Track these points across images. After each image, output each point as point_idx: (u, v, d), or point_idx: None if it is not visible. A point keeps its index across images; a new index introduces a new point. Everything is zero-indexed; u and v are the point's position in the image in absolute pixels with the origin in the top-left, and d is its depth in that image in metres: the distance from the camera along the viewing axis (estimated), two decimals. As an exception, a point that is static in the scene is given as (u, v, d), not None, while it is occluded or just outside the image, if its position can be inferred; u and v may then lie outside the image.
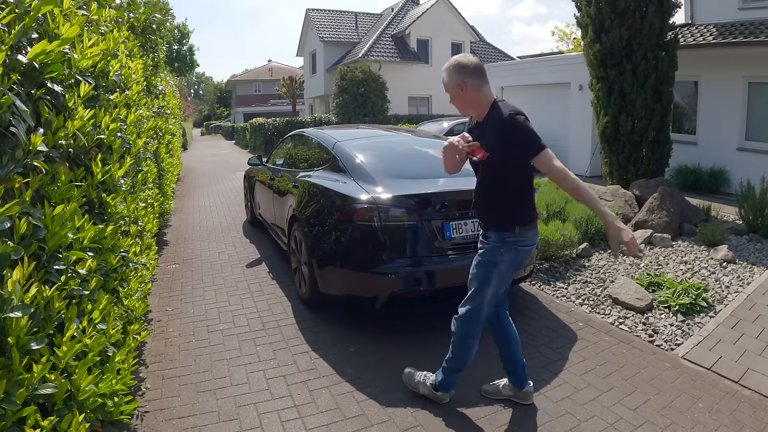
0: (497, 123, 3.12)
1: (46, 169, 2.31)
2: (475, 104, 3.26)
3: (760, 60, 11.12)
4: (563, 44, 38.84)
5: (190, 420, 3.49)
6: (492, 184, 3.31)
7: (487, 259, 3.32)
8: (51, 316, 2.21)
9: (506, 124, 3.07)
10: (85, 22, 3.22)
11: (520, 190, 3.30)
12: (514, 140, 3.08)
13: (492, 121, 3.17)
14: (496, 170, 3.24)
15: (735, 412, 3.59)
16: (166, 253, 7.67)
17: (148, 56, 7.91)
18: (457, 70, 3.23)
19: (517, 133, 3.07)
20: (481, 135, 3.24)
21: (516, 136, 3.08)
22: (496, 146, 3.12)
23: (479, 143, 3.20)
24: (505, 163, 3.18)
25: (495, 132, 3.13)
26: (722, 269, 6.51)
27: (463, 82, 3.21)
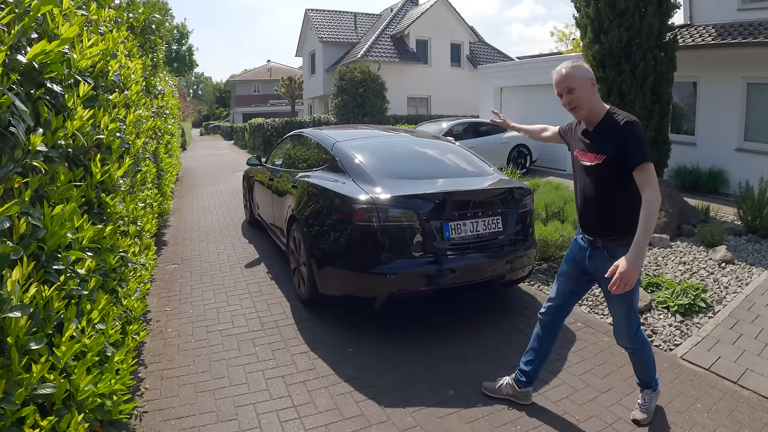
0: (616, 127, 3.09)
1: (46, 169, 2.31)
2: (596, 105, 3.20)
3: (759, 61, 11.12)
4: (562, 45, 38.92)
5: (188, 420, 3.49)
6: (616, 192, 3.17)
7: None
8: (50, 316, 2.21)
9: (627, 129, 3.04)
10: (85, 22, 3.22)
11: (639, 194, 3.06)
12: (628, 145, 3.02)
13: (610, 125, 3.14)
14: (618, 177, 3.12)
15: (733, 412, 3.60)
16: (165, 253, 7.66)
17: (147, 56, 7.91)
18: (584, 67, 3.21)
19: (632, 139, 3.02)
20: (597, 139, 3.21)
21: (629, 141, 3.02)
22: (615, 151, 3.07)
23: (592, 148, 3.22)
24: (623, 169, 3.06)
25: (613, 137, 3.09)
26: (721, 270, 6.51)
27: (591, 78, 3.19)
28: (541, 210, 7.49)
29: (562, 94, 3.19)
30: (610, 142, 3.09)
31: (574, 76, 3.14)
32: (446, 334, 4.78)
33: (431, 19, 30.57)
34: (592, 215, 3.32)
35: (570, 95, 3.15)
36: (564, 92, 3.18)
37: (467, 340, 4.65)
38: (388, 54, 29.64)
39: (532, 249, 5.23)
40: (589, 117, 3.22)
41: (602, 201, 3.22)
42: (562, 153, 16.13)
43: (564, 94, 3.18)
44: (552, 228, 6.62)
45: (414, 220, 4.51)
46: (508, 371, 4.03)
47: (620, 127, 3.06)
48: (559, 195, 8.32)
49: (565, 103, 3.20)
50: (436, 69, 30.61)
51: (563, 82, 3.17)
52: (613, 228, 3.20)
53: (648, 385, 3.58)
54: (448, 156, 5.93)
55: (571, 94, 3.15)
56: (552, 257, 6.69)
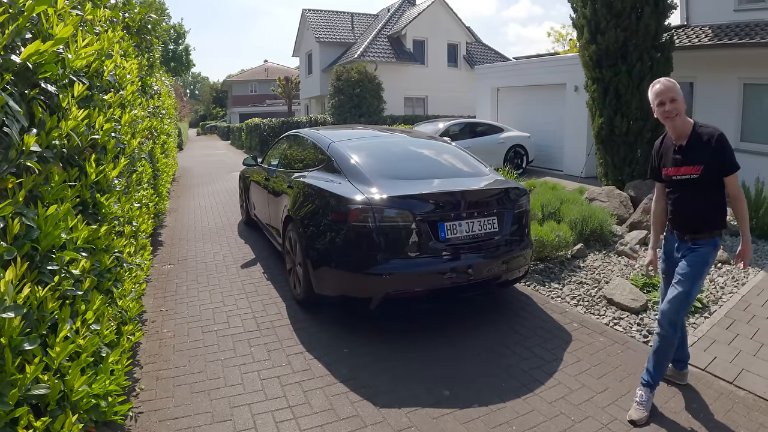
0: (710, 140, 3.51)
1: (40, 169, 2.31)
2: (686, 119, 3.64)
3: (756, 61, 11.14)
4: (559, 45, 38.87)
5: (184, 421, 3.48)
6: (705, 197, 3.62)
7: (702, 260, 3.61)
8: (44, 317, 2.21)
9: (720, 141, 3.49)
10: (80, 22, 3.21)
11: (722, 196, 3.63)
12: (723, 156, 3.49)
13: (701, 138, 3.56)
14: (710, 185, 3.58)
15: (729, 412, 3.60)
16: (161, 254, 7.65)
17: (143, 56, 7.90)
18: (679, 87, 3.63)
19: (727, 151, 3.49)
20: (688, 152, 3.61)
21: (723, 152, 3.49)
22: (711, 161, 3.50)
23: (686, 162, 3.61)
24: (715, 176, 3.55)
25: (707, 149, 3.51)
26: (717, 270, 6.52)
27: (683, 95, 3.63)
28: (537, 210, 7.49)
29: (664, 102, 3.56)
30: (706, 154, 3.51)
31: (676, 89, 3.57)
32: (442, 334, 4.78)
33: (428, 20, 30.55)
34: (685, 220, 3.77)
35: (673, 104, 3.54)
36: (668, 101, 3.55)
37: (463, 340, 4.65)
38: (385, 54, 29.62)
39: (528, 249, 5.24)
40: (682, 127, 3.62)
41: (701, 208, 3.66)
42: (559, 154, 16.16)
43: (667, 102, 3.55)
44: (548, 228, 6.63)
45: (409, 220, 4.51)
46: (503, 371, 4.06)
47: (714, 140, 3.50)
48: (555, 195, 8.34)
49: (668, 110, 3.56)
50: (433, 69, 30.60)
51: (669, 92, 3.56)
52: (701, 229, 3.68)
53: (650, 385, 3.65)
54: (444, 156, 5.93)
55: (674, 104, 3.55)
56: (548, 257, 6.70)
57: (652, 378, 3.65)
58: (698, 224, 3.65)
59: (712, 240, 3.63)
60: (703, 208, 3.61)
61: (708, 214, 3.62)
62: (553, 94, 16.23)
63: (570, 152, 15.73)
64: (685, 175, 3.61)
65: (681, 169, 3.64)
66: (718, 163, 3.48)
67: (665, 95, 3.54)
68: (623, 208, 8.78)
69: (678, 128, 3.61)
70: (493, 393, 3.84)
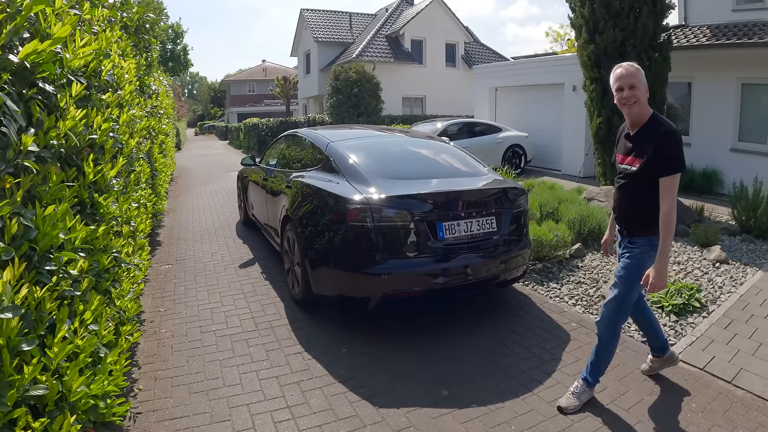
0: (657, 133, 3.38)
1: (37, 169, 2.30)
2: (645, 109, 3.48)
3: (753, 61, 11.15)
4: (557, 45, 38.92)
5: (182, 421, 3.48)
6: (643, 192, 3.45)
7: (637, 263, 3.51)
8: (42, 317, 2.20)
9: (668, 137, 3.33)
10: (78, 22, 3.21)
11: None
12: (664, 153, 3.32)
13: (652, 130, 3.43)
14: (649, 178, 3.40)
15: (728, 412, 3.60)
16: (159, 254, 7.64)
17: (141, 56, 7.89)
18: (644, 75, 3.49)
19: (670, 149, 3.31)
20: (637, 142, 3.50)
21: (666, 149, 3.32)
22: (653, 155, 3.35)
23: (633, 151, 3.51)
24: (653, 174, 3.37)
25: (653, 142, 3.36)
26: (715, 270, 6.53)
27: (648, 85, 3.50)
28: (536, 210, 7.50)
29: (623, 88, 3.43)
30: (650, 147, 3.36)
31: (638, 75, 3.42)
32: (440, 334, 4.78)
33: (426, 19, 30.57)
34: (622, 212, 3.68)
35: (632, 91, 3.40)
36: (626, 87, 3.41)
37: (461, 340, 4.65)
38: (383, 54, 29.63)
39: (527, 249, 5.24)
40: (639, 116, 3.48)
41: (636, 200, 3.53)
42: (557, 153, 16.17)
43: (626, 88, 3.41)
44: (546, 228, 6.63)
45: (408, 220, 4.50)
46: (502, 371, 4.06)
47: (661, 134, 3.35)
48: (553, 195, 8.35)
49: (626, 96, 3.42)
50: (431, 69, 30.61)
51: (630, 77, 3.42)
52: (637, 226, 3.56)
53: (589, 378, 3.72)
54: (443, 156, 5.93)
55: (633, 90, 3.40)
56: (546, 257, 6.70)
57: (590, 374, 3.72)
58: (635, 220, 3.56)
59: (649, 239, 3.49)
60: (642, 204, 3.45)
61: (646, 212, 3.44)
62: (552, 94, 16.23)
63: (568, 152, 15.74)
64: (628, 165, 3.54)
65: (626, 159, 3.57)
66: (657, 159, 3.32)
67: (624, 80, 3.42)
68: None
69: (634, 116, 3.48)
70: (491, 393, 3.84)
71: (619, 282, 3.56)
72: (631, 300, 3.61)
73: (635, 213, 3.53)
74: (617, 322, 3.63)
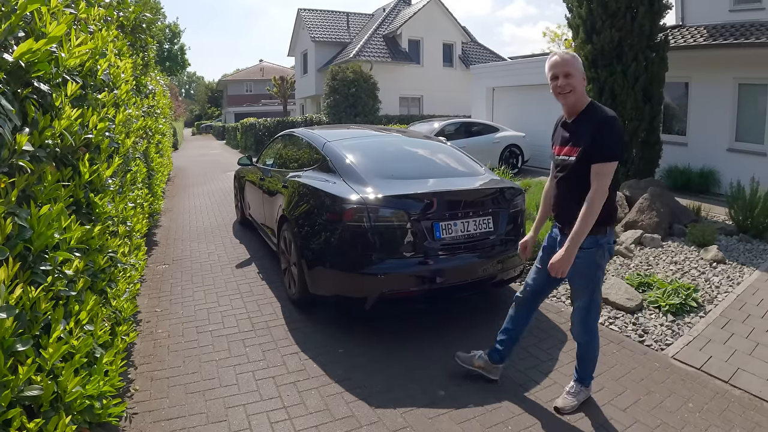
0: (595, 120, 3.25)
1: (32, 168, 2.29)
2: (582, 98, 3.37)
3: (751, 61, 11.16)
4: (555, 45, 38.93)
5: (179, 422, 3.47)
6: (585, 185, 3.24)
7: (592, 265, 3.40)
8: (37, 317, 2.19)
9: (605, 124, 3.20)
10: (73, 21, 3.20)
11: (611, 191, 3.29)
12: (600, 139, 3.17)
13: (589, 118, 3.30)
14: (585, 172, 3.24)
15: (725, 411, 3.61)
16: (156, 254, 7.63)
17: (137, 55, 7.88)
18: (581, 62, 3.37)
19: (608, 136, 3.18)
20: (575, 131, 3.37)
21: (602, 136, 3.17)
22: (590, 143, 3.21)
23: (570, 141, 3.37)
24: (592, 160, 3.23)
25: (590, 130, 3.23)
26: (712, 269, 6.53)
27: (584, 73, 3.38)
28: (533, 210, 7.49)
29: (557, 77, 3.32)
30: (587, 135, 3.23)
31: (574, 63, 3.30)
32: (437, 334, 4.78)
33: (424, 19, 30.59)
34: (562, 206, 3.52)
35: (567, 79, 3.28)
36: (561, 75, 3.30)
37: (458, 340, 4.64)
38: (381, 54, 29.65)
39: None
40: (575, 105, 3.36)
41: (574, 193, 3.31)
42: (554, 153, 16.12)
43: (561, 76, 3.30)
44: (543, 228, 6.61)
45: (404, 220, 4.50)
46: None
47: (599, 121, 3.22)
48: (550, 195, 8.32)
49: (561, 85, 3.31)
50: (429, 69, 30.63)
51: (564, 65, 3.30)
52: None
53: (582, 380, 3.70)
54: (440, 156, 5.93)
55: (568, 79, 3.28)
56: (544, 257, 6.68)
57: (582, 377, 3.72)
58: (575, 216, 3.24)
59: (595, 239, 3.30)
60: (582, 197, 3.21)
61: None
62: (549, 94, 15.86)
63: (565, 152, 15.71)
64: (566, 156, 3.37)
65: (564, 149, 3.41)
66: (593, 146, 3.17)
67: (559, 68, 3.29)
68: (618, 207, 8.78)
69: (570, 106, 3.37)
70: (488, 393, 3.83)
71: (581, 291, 3.50)
72: (598, 302, 3.55)
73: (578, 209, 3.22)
74: (592, 325, 3.57)
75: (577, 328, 3.59)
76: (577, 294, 3.55)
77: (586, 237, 3.22)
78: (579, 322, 3.56)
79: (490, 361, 3.94)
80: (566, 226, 3.38)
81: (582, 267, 3.36)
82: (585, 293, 3.48)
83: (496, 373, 3.96)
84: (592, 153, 3.18)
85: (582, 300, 3.51)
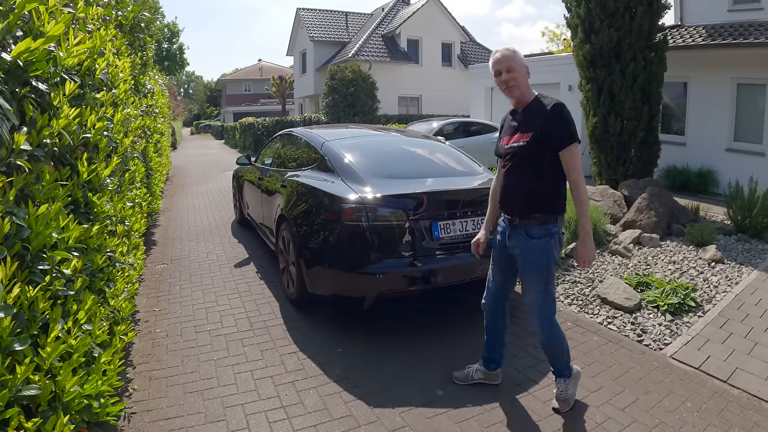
0: (543, 109, 3.29)
1: (30, 168, 2.29)
2: (527, 90, 3.40)
3: (749, 61, 11.18)
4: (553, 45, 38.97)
5: (177, 421, 3.47)
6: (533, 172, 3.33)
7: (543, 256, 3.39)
8: (35, 317, 2.19)
9: (556, 110, 3.24)
10: (72, 20, 3.19)
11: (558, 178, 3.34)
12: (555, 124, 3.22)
13: (537, 107, 3.34)
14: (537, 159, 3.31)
15: (723, 411, 3.61)
16: (154, 253, 7.63)
17: (136, 54, 7.87)
18: (522, 56, 3.40)
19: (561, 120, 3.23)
20: (523, 120, 3.38)
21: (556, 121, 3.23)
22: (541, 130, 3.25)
23: (519, 129, 3.37)
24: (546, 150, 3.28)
25: (539, 117, 3.28)
26: (711, 269, 6.54)
27: (527, 66, 3.39)
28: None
29: (501, 72, 3.35)
30: (537, 122, 3.27)
31: (515, 58, 3.34)
32: (435, 333, 4.78)
33: (422, 19, 30.60)
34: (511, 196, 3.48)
35: (510, 74, 3.32)
36: (504, 71, 3.34)
37: (457, 339, 4.65)
38: (379, 53, 29.65)
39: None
40: (521, 98, 3.40)
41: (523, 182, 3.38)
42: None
43: (503, 72, 3.34)
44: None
45: (403, 219, 4.50)
46: (497, 371, 4.04)
47: (548, 109, 3.26)
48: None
49: (504, 80, 3.35)
50: (427, 68, 30.65)
51: (505, 61, 3.34)
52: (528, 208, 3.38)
53: (561, 373, 3.64)
54: (438, 155, 5.93)
55: (511, 74, 3.32)
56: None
57: (559, 370, 3.64)
58: (525, 205, 3.36)
59: (545, 227, 3.33)
60: (531, 185, 3.32)
61: (536, 194, 3.33)
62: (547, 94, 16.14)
63: (564, 151, 15.73)
64: (515, 143, 3.37)
65: (513, 138, 3.41)
66: (548, 130, 3.21)
67: (501, 64, 3.33)
68: (617, 207, 8.79)
69: (516, 99, 3.40)
70: (487, 392, 3.83)
71: (534, 283, 3.45)
72: (553, 294, 3.49)
73: (528, 197, 3.34)
74: (550, 318, 3.49)
75: (537, 325, 3.52)
76: (530, 286, 3.49)
77: (536, 227, 3.33)
78: (537, 317, 3.50)
79: (487, 370, 3.93)
80: (516, 216, 3.44)
81: (534, 258, 3.40)
82: (538, 284, 3.43)
83: (496, 378, 3.95)
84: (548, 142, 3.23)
85: (534, 293, 3.46)
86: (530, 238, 3.35)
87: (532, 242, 3.35)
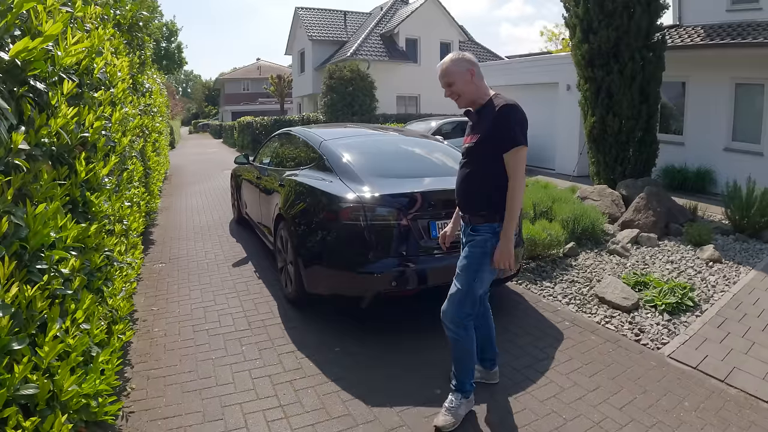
0: (493, 110, 3.25)
1: (28, 167, 2.28)
2: (476, 94, 3.38)
3: (748, 61, 11.19)
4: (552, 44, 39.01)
5: (175, 420, 3.47)
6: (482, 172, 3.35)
7: (480, 250, 3.37)
8: (33, 316, 2.19)
9: (504, 111, 3.20)
10: (70, 19, 3.19)
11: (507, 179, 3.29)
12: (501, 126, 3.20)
13: (489, 108, 3.31)
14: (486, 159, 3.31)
15: (721, 410, 3.61)
16: (153, 252, 7.62)
17: (134, 54, 7.86)
18: (464, 59, 3.39)
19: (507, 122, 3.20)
20: (477, 121, 3.41)
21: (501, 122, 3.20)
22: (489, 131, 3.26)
23: (473, 129, 3.41)
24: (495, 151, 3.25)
25: (488, 118, 3.27)
26: (708, 269, 6.55)
27: (471, 69, 3.35)
28: (529, 209, 7.50)
29: (444, 87, 3.41)
30: (486, 123, 3.29)
31: (451, 70, 3.35)
32: (434, 333, 4.76)
33: (421, 18, 30.59)
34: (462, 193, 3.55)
35: (450, 89, 3.38)
36: (445, 86, 3.40)
37: (455, 339, 4.64)
38: (378, 53, 29.65)
39: (520, 248, 5.22)
40: (473, 102, 3.43)
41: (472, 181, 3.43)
42: (551, 153, 16.19)
43: (445, 87, 3.40)
44: (540, 227, 6.63)
45: (401, 219, 4.50)
46: (495, 370, 4.05)
47: (495, 110, 3.24)
48: (547, 194, 8.35)
49: (447, 95, 3.43)
50: (426, 68, 30.56)
51: (443, 76, 3.38)
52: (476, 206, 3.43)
53: (460, 389, 3.51)
54: (436, 155, 5.93)
55: (451, 88, 3.37)
56: (540, 256, 6.70)
57: (460, 382, 3.51)
58: (472, 203, 3.42)
59: (491, 226, 3.33)
60: (479, 185, 3.36)
61: (483, 194, 3.35)
62: (546, 93, 16.24)
63: (562, 151, 15.77)
64: (469, 144, 3.42)
65: (467, 139, 3.47)
66: (492, 131, 3.21)
67: (441, 80, 3.38)
68: (615, 206, 8.80)
69: (468, 104, 3.43)
70: (484, 391, 3.83)
71: (462, 273, 3.41)
72: (476, 291, 3.41)
73: (475, 197, 3.40)
74: (464, 316, 3.40)
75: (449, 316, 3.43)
76: (456, 278, 3.46)
77: (482, 225, 3.36)
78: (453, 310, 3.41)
79: (484, 369, 3.94)
80: (466, 213, 3.52)
81: (471, 252, 3.41)
82: (467, 277, 3.39)
83: (494, 377, 3.96)
84: (496, 143, 3.22)
85: (460, 284, 3.41)
86: (474, 234, 3.41)
87: (475, 235, 3.40)
